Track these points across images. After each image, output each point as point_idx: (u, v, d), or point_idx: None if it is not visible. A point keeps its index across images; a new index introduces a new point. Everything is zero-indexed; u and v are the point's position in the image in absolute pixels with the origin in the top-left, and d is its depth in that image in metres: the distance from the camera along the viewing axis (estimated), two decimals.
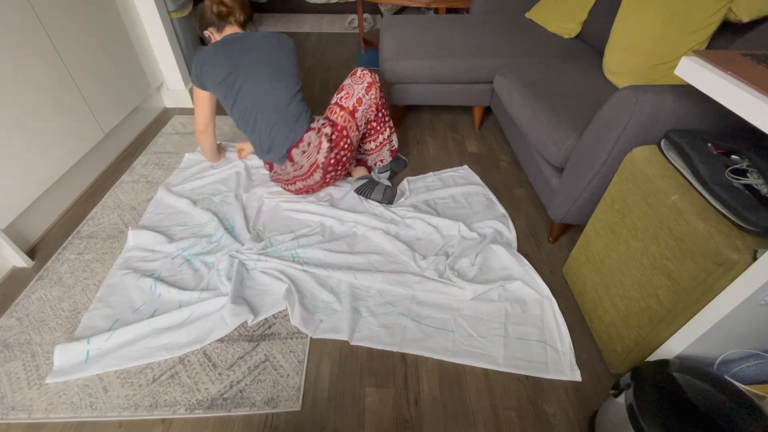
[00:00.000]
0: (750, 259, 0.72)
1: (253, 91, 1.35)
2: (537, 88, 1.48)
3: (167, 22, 2.00)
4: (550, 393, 1.04)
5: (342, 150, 1.44)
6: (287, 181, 1.51)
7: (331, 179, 1.52)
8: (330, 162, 1.43)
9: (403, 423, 0.99)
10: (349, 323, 1.16)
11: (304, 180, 1.47)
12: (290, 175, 1.47)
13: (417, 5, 2.44)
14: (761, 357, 0.86)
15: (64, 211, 1.56)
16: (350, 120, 1.43)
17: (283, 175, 1.48)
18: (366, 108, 1.47)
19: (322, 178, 1.47)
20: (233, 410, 0.99)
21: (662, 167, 0.90)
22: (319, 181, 1.48)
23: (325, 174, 1.46)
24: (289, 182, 1.51)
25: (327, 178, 1.49)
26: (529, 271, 1.31)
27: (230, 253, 1.32)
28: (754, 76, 0.72)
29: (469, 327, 1.17)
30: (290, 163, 1.41)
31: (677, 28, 1.25)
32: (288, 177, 1.48)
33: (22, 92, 1.32)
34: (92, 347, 1.09)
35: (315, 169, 1.43)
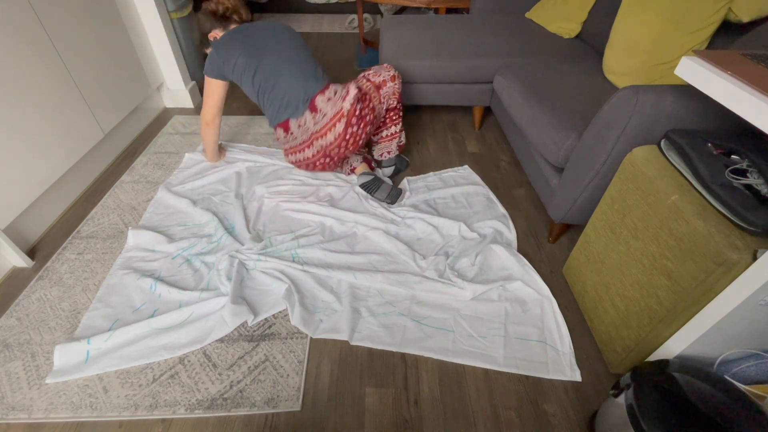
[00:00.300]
0: (750, 259, 0.72)
1: (274, 54, 1.40)
2: (537, 88, 1.48)
3: (167, 22, 2.00)
4: (550, 393, 1.04)
5: (367, 108, 1.42)
6: (302, 144, 1.43)
7: (351, 142, 1.43)
8: (354, 113, 1.38)
9: (403, 423, 0.99)
10: (349, 323, 1.16)
11: (323, 135, 1.39)
12: (308, 132, 1.40)
13: (417, 5, 2.44)
14: (761, 357, 0.86)
15: (64, 211, 1.56)
16: (376, 92, 1.48)
17: (300, 135, 1.41)
18: (389, 92, 1.53)
19: (342, 133, 1.39)
20: (233, 410, 0.99)
21: (662, 167, 0.90)
22: (338, 138, 1.40)
23: (346, 127, 1.38)
24: (305, 145, 1.43)
25: (347, 135, 1.40)
26: (529, 271, 1.31)
27: (230, 253, 1.32)
28: (754, 76, 0.72)
29: (469, 327, 1.17)
30: (311, 114, 1.37)
31: (677, 28, 1.25)
32: (305, 137, 1.41)
33: (22, 92, 1.32)
34: (92, 347, 1.09)
35: (339, 118, 1.37)
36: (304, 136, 1.42)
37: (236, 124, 2.08)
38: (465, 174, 1.76)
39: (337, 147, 1.44)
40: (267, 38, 1.42)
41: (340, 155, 1.49)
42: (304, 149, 1.47)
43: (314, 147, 1.44)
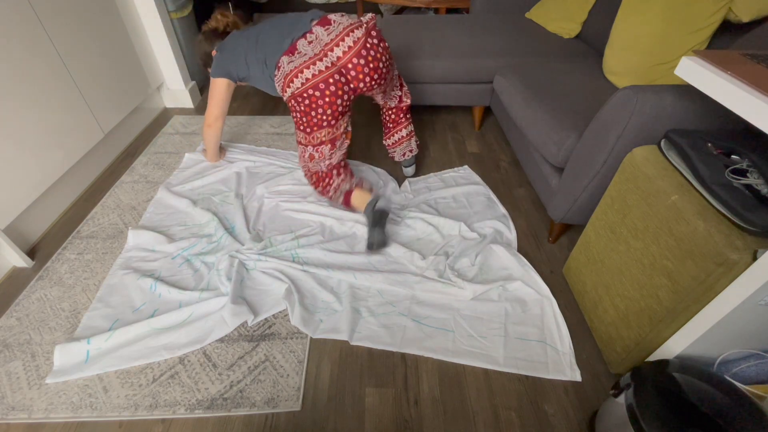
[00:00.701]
0: (750, 259, 0.72)
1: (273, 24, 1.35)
2: (537, 88, 1.48)
3: (167, 22, 2.00)
4: (550, 393, 1.04)
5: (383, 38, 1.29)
6: (313, 58, 1.22)
7: (370, 59, 1.24)
8: (374, 26, 1.27)
9: (403, 423, 0.99)
10: (349, 323, 1.16)
11: (341, 41, 1.21)
12: (321, 44, 1.23)
13: (417, 5, 2.44)
14: (761, 357, 0.86)
15: (64, 211, 1.56)
16: None
17: (310, 50, 1.23)
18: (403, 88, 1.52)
19: (362, 40, 1.21)
20: (233, 410, 0.99)
21: (662, 167, 0.90)
22: (358, 44, 1.22)
23: (366, 36, 1.22)
24: (316, 58, 1.22)
25: (367, 45, 1.22)
26: (529, 271, 1.31)
27: (230, 253, 1.32)
28: (754, 76, 0.72)
29: (469, 327, 1.17)
30: (323, 27, 1.23)
31: (677, 28, 1.25)
32: (316, 50, 1.23)
33: (22, 92, 1.32)
34: (92, 347, 1.09)
35: (357, 25, 1.22)
36: (316, 48, 1.23)
37: (236, 124, 2.08)
38: (465, 174, 1.76)
39: (356, 56, 1.22)
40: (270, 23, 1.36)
41: (355, 77, 1.26)
42: (315, 62, 1.22)
43: (327, 60, 1.22)
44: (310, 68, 1.23)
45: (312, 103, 1.26)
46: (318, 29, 1.24)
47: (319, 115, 1.29)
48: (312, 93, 1.24)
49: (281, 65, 1.27)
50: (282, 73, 1.27)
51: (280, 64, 1.27)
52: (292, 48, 1.26)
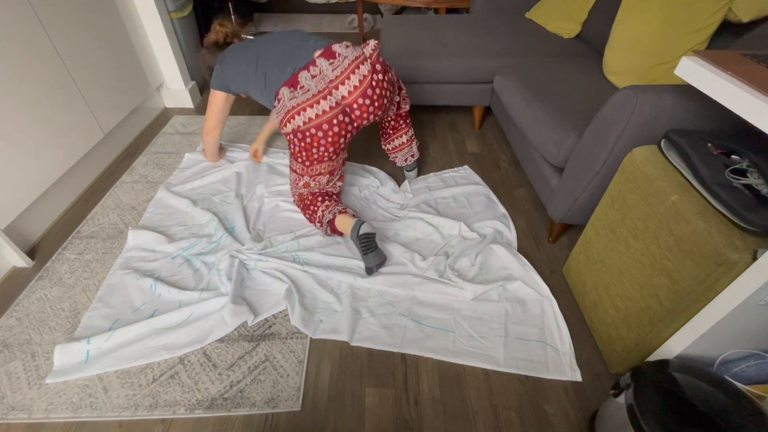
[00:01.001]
0: (750, 259, 0.72)
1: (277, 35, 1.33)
2: (537, 88, 1.48)
3: (167, 22, 2.00)
4: (550, 393, 1.04)
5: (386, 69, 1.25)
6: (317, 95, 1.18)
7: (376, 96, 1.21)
8: (378, 59, 1.21)
9: (403, 423, 0.99)
10: (350, 324, 1.16)
11: (346, 79, 1.17)
12: (325, 80, 1.18)
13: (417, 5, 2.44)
14: (761, 357, 0.86)
15: (64, 211, 1.56)
16: None
17: (314, 86, 1.18)
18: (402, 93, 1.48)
19: (368, 78, 1.18)
20: (233, 410, 0.99)
21: (662, 167, 0.90)
22: (363, 83, 1.18)
23: (372, 72, 1.19)
24: (320, 96, 1.18)
25: (373, 82, 1.19)
26: (529, 271, 1.31)
27: (231, 253, 1.32)
28: (754, 76, 0.72)
29: (470, 327, 1.17)
30: (327, 61, 1.18)
31: (677, 28, 1.25)
32: (321, 86, 1.18)
33: (22, 92, 1.32)
34: (92, 347, 1.09)
35: (362, 60, 1.18)
36: (320, 85, 1.19)
37: (236, 124, 2.08)
38: (465, 174, 1.76)
39: (362, 97, 1.20)
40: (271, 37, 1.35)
41: (359, 116, 1.24)
42: (319, 101, 1.18)
43: (332, 98, 1.19)
44: (314, 107, 1.18)
45: (314, 142, 1.24)
46: (322, 62, 1.19)
47: (320, 153, 1.27)
48: (314, 133, 1.22)
49: (281, 98, 1.22)
50: (282, 106, 1.23)
51: (280, 96, 1.22)
52: (294, 80, 1.20)
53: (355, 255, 1.37)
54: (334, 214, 1.33)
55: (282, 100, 1.22)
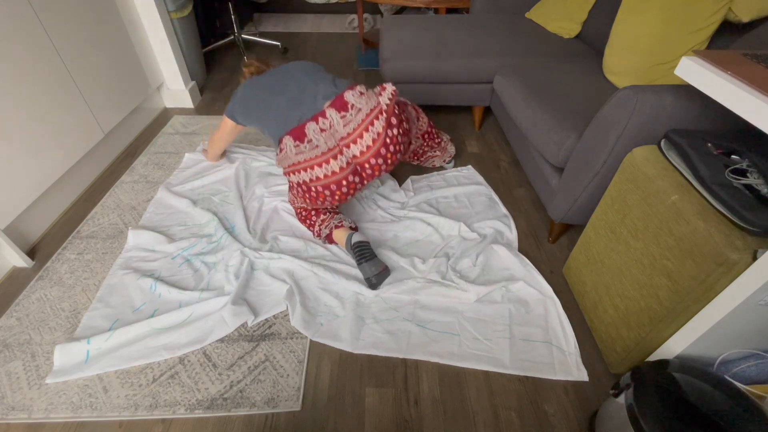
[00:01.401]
0: (750, 259, 0.72)
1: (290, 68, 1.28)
2: (537, 88, 1.48)
3: (167, 22, 2.00)
4: (550, 393, 1.04)
5: (403, 114, 1.16)
6: (326, 154, 1.09)
7: (389, 153, 1.13)
8: (394, 111, 1.11)
9: (403, 423, 0.99)
10: (352, 331, 1.15)
11: (358, 138, 1.07)
12: (335, 137, 1.09)
13: (417, 5, 2.44)
14: (761, 357, 0.86)
15: (64, 211, 1.56)
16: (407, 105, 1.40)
17: (323, 142, 1.08)
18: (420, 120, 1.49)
19: (381, 136, 1.09)
20: (233, 410, 0.99)
21: (662, 167, 0.90)
22: (377, 143, 1.09)
23: (386, 128, 1.09)
24: (330, 155, 1.09)
25: (387, 139, 1.10)
26: (531, 271, 1.31)
27: (242, 250, 1.32)
28: (754, 76, 0.72)
29: (474, 330, 1.16)
30: (339, 114, 1.08)
31: (677, 28, 1.25)
32: (330, 143, 1.09)
33: (22, 92, 1.32)
34: (92, 347, 1.09)
35: (377, 115, 1.08)
36: (330, 142, 1.10)
37: None
38: (468, 174, 1.75)
39: (374, 157, 1.12)
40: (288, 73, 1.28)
41: (371, 174, 1.17)
42: (329, 160, 1.09)
43: (342, 158, 1.10)
44: (323, 167, 1.10)
45: (319, 197, 1.19)
46: (332, 114, 1.09)
47: (324, 204, 1.24)
48: (321, 190, 1.16)
49: (284, 147, 1.13)
50: (285, 157, 1.14)
51: (283, 145, 1.14)
52: (300, 131, 1.10)
53: None
54: (331, 229, 1.33)
55: (285, 150, 1.14)
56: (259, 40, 2.90)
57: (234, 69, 2.66)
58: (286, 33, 3.30)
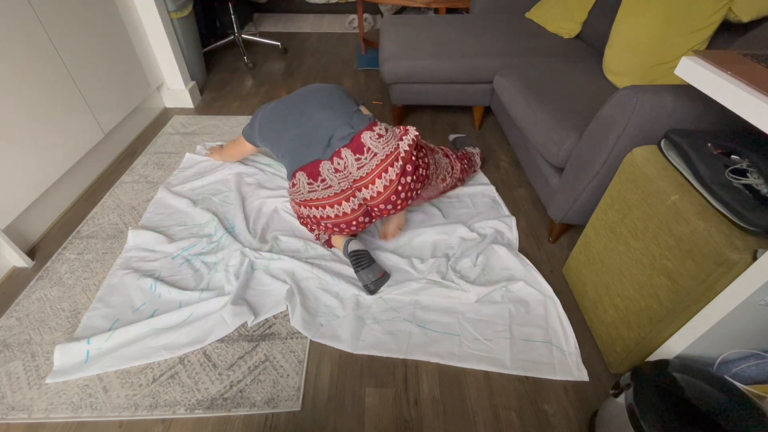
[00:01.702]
0: (750, 259, 0.72)
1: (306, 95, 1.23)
2: (537, 88, 1.48)
3: (167, 22, 2.00)
4: (550, 393, 1.04)
5: (423, 160, 1.14)
6: (339, 195, 1.09)
7: (400, 200, 1.11)
8: (411, 158, 1.09)
9: (403, 423, 0.99)
10: (352, 331, 1.15)
11: (371, 183, 1.07)
12: (349, 178, 1.08)
13: (417, 5, 2.44)
14: (761, 357, 0.86)
15: (64, 211, 1.56)
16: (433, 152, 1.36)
17: (337, 182, 1.08)
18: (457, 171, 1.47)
19: (394, 182, 1.08)
20: (233, 410, 0.99)
21: (662, 167, 0.90)
22: (388, 190, 1.08)
23: (400, 176, 1.08)
24: (342, 197, 1.09)
25: (399, 187, 1.09)
26: (531, 271, 1.31)
27: (242, 250, 1.32)
28: (754, 76, 0.72)
29: (474, 330, 1.16)
30: (354, 155, 1.06)
31: (677, 28, 1.25)
32: (344, 185, 1.09)
33: (22, 92, 1.32)
34: (92, 347, 1.09)
35: (392, 162, 1.06)
36: (344, 183, 1.09)
37: (236, 124, 2.08)
38: (472, 175, 1.74)
39: (384, 203, 1.10)
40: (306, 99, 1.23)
41: (379, 215, 1.17)
42: (341, 202, 1.09)
43: (355, 200, 1.10)
44: (335, 207, 1.11)
45: (328, 230, 1.22)
46: (348, 155, 1.07)
47: (336, 233, 1.27)
48: (331, 227, 1.19)
49: (297, 183, 1.12)
50: (297, 191, 1.14)
51: (296, 180, 1.13)
52: (314, 169, 1.09)
53: None
54: (329, 235, 1.34)
55: (298, 185, 1.13)
56: (259, 40, 2.90)
57: (234, 69, 2.66)
58: (286, 33, 3.31)
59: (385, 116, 2.18)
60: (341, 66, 2.76)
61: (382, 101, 2.32)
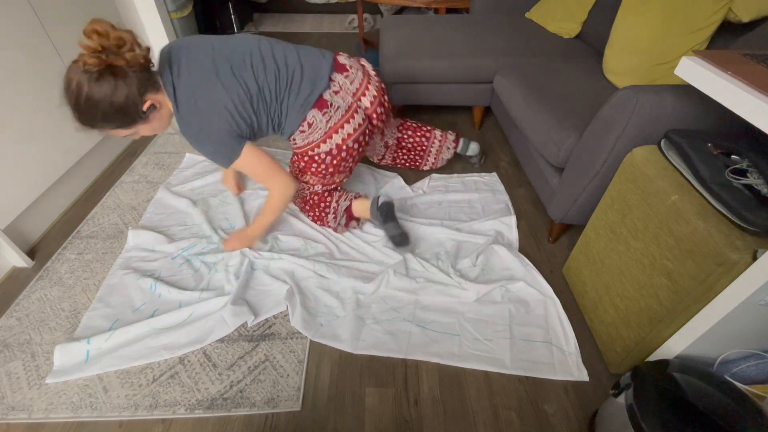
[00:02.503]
0: (750, 259, 0.72)
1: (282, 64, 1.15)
2: (537, 88, 1.48)
3: (167, 22, 2.00)
4: (550, 393, 1.04)
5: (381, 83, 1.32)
6: (347, 113, 1.19)
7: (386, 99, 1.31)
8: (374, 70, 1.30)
9: (403, 423, 0.99)
10: (352, 331, 1.15)
11: (366, 90, 1.23)
12: (350, 93, 1.21)
13: (417, 5, 2.44)
14: (761, 357, 0.86)
15: (64, 211, 1.56)
16: None
17: (343, 101, 1.19)
18: None
19: (379, 82, 1.29)
20: (233, 410, 0.99)
21: (662, 167, 0.90)
22: (378, 91, 1.27)
23: (380, 83, 1.29)
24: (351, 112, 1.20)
25: (381, 90, 1.29)
26: (531, 271, 1.31)
27: (242, 250, 1.32)
28: (754, 76, 0.72)
29: (474, 330, 1.16)
30: (342, 74, 1.20)
31: (677, 28, 1.25)
32: (349, 100, 1.20)
33: (22, 92, 1.32)
34: (92, 347, 1.09)
35: (366, 72, 1.26)
36: (347, 99, 1.20)
37: None
38: (489, 181, 1.71)
39: (379, 106, 1.27)
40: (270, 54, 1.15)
41: (377, 125, 1.31)
42: (353, 116, 1.21)
43: (360, 111, 1.22)
44: (350, 122, 1.21)
45: (348, 156, 1.27)
46: (338, 77, 1.20)
47: (348, 165, 1.31)
48: (351, 145, 1.24)
49: (313, 121, 1.17)
50: (315, 129, 1.18)
51: (311, 119, 1.17)
52: (321, 101, 1.17)
53: (362, 259, 1.36)
54: (350, 200, 1.38)
55: (314, 122, 1.18)
56: None
57: None
58: (286, 33, 3.30)
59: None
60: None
61: None
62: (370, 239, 1.43)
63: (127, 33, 0.97)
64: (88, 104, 0.96)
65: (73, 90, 0.96)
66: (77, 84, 0.95)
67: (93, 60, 0.92)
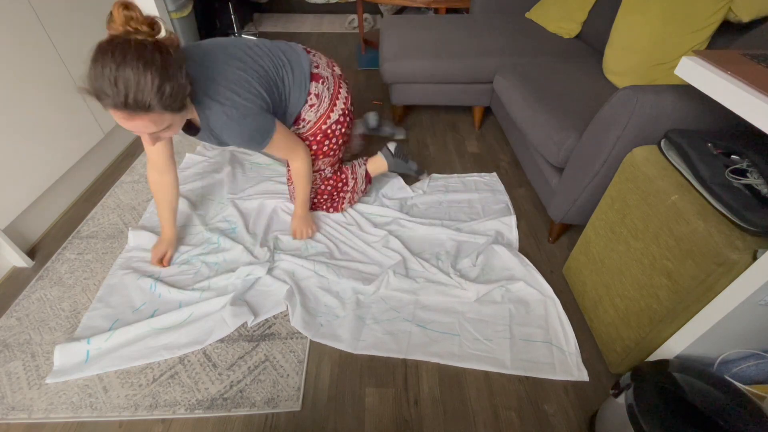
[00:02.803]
0: (750, 259, 0.72)
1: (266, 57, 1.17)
2: (537, 88, 1.48)
3: (167, 22, 2.00)
4: (550, 393, 1.04)
5: None
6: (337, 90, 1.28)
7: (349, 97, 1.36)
8: None
9: (403, 423, 0.99)
10: (352, 331, 1.15)
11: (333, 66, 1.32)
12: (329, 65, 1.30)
13: (417, 5, 2.44)
14: (761, 357, 0.86)
15: (64, 211, 1.56)
16: None
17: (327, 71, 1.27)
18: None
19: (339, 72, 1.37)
20: (233, 410, 0.99)
21: (662, 167, 0.90)
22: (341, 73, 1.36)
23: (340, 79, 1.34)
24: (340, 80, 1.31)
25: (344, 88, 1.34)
26: (531, 271, 1.31)
27: (242, 251, 1.33)
28: (754, 76, 0.72)
29: (475, 330, 1.16)
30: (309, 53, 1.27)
31: (677, 28, 1.25)
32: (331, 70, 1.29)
33: (22, 92, 1.32)
34: (92, 347, 1.09)
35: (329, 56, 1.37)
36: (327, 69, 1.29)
37: None
38: (489, 181, 1.71)
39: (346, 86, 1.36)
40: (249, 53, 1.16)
41: None
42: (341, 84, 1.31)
43: (344, 86, 1.32)
44: (343, 87, 1.32)
45: (351, 121, 1.36)
46: (310, 54, 1.28)
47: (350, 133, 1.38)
48: (351, 109, 1.34)
49: (318, 91, 1.24)
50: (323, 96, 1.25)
51: (314, 91, 1.23)
52: (316, 75, 1.24)
53: (362, 260, 1.36)
54: (363, 164, 1.50)
55: (320, 93, 1.25)
56: None
57: None
58: (286, 33, 3.31)
59: (385, 116, 2.18)
60: (341, 66, 2.75)
61: (382, 101, 2.32)
62: (370, 240, 1.43)
63: None
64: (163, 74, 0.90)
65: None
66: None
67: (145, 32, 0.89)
